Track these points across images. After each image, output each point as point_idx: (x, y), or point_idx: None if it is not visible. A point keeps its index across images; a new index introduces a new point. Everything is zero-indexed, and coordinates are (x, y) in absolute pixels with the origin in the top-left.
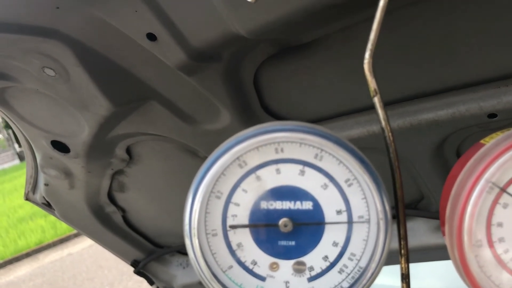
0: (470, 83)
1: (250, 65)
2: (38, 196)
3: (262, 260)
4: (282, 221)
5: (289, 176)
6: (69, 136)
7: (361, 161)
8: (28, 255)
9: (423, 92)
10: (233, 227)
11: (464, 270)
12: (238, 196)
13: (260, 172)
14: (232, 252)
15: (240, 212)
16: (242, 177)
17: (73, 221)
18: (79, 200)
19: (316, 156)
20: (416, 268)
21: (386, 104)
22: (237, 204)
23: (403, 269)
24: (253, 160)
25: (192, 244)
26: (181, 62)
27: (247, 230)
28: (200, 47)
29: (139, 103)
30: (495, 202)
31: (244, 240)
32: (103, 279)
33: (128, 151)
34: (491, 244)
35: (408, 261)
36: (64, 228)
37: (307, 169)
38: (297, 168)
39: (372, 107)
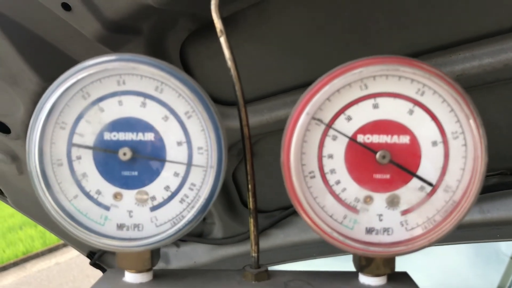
0: None
1: (173, 41)
2: None
3: (106, 189)
4: (121, 150)
5: (131, 108)
6: (6, 114)
7: (197, 94)
8: (15, 264)
9: None
10: (76, 145)
11: (295, 201)
12: (82, 127)
13: (103, 104)
14: (77, 182)
15: (84, 143)
16: (86, 108)
17: (25, 209)
18: (30, 187)
19: (156, 88)
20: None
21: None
22: (81, 135)
23: (251, 203)
24: (96, 91)
25: (37, 173)
26: (98, 33)
27: (91, 160)
28: (115, 18)
29: None
30: (324, 134)
31: (89, 170)
32: None
33: None
34: (323, 175)
35: (255, 197)
36: (53, 237)
37: (148, 101)
38: (138, 100)
39: (297, 87)
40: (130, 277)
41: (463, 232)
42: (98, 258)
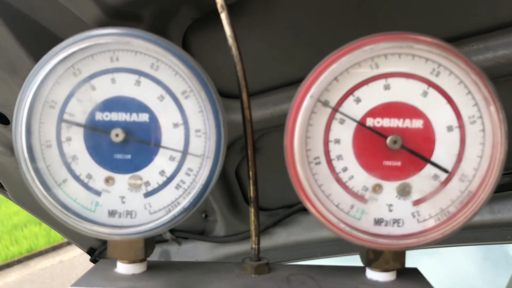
0: None
1: (176, 30)
2: None
3: (97, 173)
4: (113, 131)
5: (125, 86)
6: (5, 105)
7: (195, 72)
8: (19, 261)
9: None
10: (66, 122)
11: (299, 188)
12: (72, 106)
13: (94, 81)
14: (67, 165)
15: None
16: (76, 86)
17: (26, 204)
18: None
19: (152, 65)
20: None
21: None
22: (71, 115)
23: (251, 192)
24: (88, 68)
25: (23, 155)
26: (98, 19)
27: (82, 141)
28: (115, 4)
29: None
30: (331, 118)
31: (79, 152)
32: None
33: None
34: (329, 161)
35: (256, 184)
36: (57, 235)
37: (143, 79)
38: (133, 78)
39: (302, 80)
40: (122, 267)
41: (472, 233)
42: (99, 254)
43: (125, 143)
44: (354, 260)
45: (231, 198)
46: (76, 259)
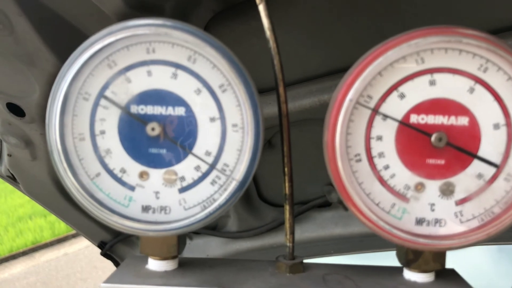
0: None
1: (197, 23)
2: (3, 169)
3: (131, 168)
4: (150, 124)
5: (161, 79)
6: (22, 96)
7: (234, 65)
8: (24, 253)
9: None
10: (106, 98)
11: (339, 186)
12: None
13: (130, 74)
14: (100, 158)
15: (109, 116)
16: (111, 78)
17: (37, 196)
18: (42, 173)
19: (189, 58)
20: None
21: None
22: (106, 107)
23: (286, 188)
24: (123, 60)
25: (57, 148)
26: (120, 11)
27: (116, 135)
28: None
29: None
30: (374, 113)
31: (113, 146)
32: (97, 280)
33: None
34: (370, 159)
35: (291, 181)
36: (62, 228)
37: (180, 72)
38: (169, 71)
39: (323, 75)
40: (154, 264)
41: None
42: (110, 248)
43: (160, 137)
44: (365, 258)
45: (245, 194)
46: (81, 252)
